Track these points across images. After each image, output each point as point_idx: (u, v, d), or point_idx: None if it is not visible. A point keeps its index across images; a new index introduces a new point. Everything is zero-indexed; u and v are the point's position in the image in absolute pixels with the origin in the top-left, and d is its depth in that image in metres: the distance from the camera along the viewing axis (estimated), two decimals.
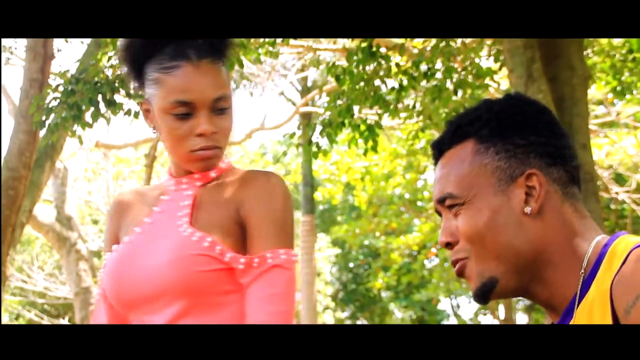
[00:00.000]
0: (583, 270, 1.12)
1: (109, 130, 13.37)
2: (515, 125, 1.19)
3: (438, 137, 1.26)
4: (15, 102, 8.45)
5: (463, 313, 23.24)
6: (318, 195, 16.55)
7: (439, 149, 1.25)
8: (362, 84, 5.66)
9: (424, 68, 5.78)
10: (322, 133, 5.71)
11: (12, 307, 15.21)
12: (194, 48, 1.50)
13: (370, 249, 19.33)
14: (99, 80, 5.16)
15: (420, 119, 6.73)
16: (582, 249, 1.15)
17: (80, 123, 5.26)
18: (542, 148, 1.18)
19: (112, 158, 14.77)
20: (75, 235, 9.89)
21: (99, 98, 5.20)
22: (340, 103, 5.69)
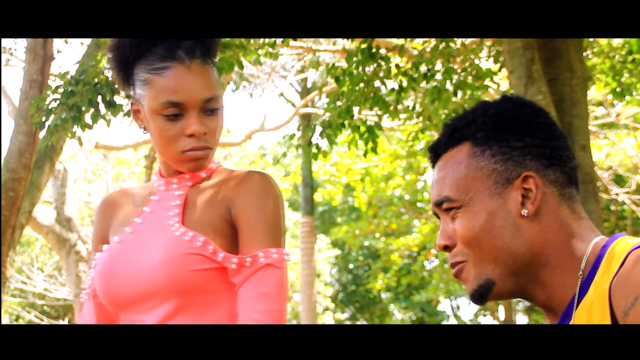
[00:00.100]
0: (581, 272, 1.12)
1: (109, 132, 13.36)
2: (511, 128, 1.18)
3: (434, 140, 1.26)
4: (15, 103, 8.46)
5: (463, 314, 23.26)
6: (318, 197, 16.56)
7: (436, 152, 1.25)
8: (361, 85, 5.65)
9: (424, 69, 5.78)
10: (322, 134, 5.71)
11: (12, 308, 15.20)
12: (185, 49, 1.50)
13: (370, 250, 19.34)
14: (99, 82, 5.15)
15: (420, 120, 6.72)
16: (580, 251, 1.14)
17: (80, 124, 5.25)
18: (538, 150, 1.17)
19: (112, 159, 14.77)
20: (75, 237, 9.89)
21: (99, 99, 5.19)
22: (340, 104, 5.69)
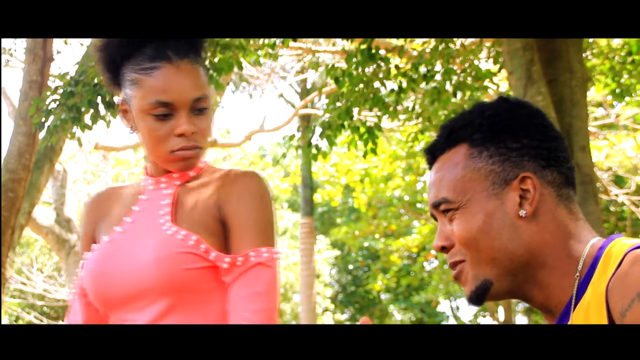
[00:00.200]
0: (579, 273, 1.12)
1: (109, 132, 13.37)
2: (508, 129, 1.18)
3: (431, 142, 1.26)
4: (15, 104, 8.46)
5: (462, 315, 23.25)
6: (317, 197, 16.56)
7: (433, 154, 1.25)
8: (361, 86, 5.65)
9: (423, 70, 5.78)
10: (321, 135, 5.70)
11: (11, 309, 15.19)
12: (174, 49, 1.50)
13: (370, 251, 19.34)
14: (99, 82, 5.14)
15: (420, 121, 6.72)
16: (577, 252, 1.15)
17: (80, 125, 5.25)
18: (535, 151, 1.17)
19: (111, 160, 14.77)
20: (75, 238, 9.89)
21: (99, 100, 5.19)
22: (340, 105, 5.68)
